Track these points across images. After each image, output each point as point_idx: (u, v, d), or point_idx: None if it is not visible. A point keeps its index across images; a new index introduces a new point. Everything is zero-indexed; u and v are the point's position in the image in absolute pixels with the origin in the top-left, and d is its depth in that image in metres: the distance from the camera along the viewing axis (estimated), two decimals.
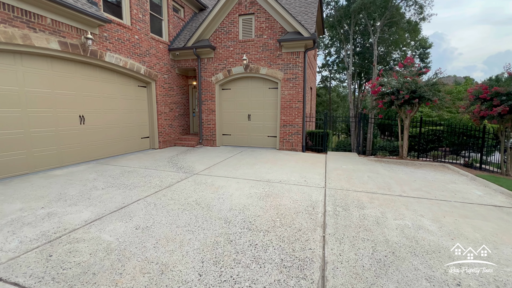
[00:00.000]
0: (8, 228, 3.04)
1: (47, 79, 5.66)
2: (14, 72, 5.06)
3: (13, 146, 5.04)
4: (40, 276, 2.23)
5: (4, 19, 4.73)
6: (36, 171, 5.40)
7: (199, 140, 10.04)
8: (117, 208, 3.69)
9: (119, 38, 7.48)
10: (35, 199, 3.94)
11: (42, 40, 5.34)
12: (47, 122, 5.65)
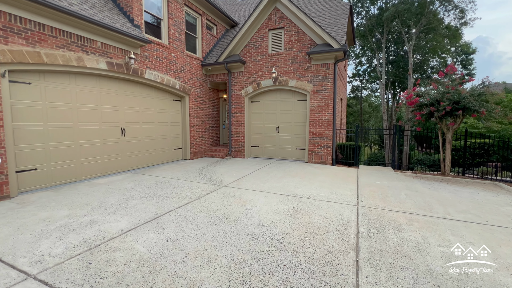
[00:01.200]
0: (56, 233, 3.29)
1: (95, 95, 6.21)
2: (69, 91, 5.63)
3: (66, 156, 5.56)
4: (80, 284, 2.35)
5: (63, 44, 5.33)
6: (82, 179, 5.88)
7: (228, 152, 10.20)
8: (150, 219, 3.83)
9: (158, 56, 8.01)
10: (80, 206, 4.25)
11: (93, 61, 5.91)
12: (94, 135, 6.16)
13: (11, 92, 4.62)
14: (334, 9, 11.11)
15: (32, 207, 4.17)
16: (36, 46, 4.87)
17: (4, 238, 3.14)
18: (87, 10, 5.77)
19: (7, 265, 2.61)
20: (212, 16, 10.82)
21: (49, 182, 5.23)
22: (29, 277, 2.44)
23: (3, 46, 4.41)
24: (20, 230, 3.35)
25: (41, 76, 5.14)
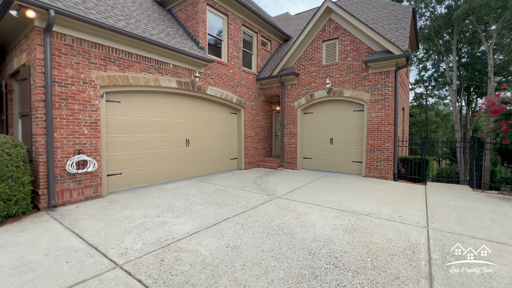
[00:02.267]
0: (136, 230, 3.78)
1: (166, 110, 7.04)
2: (147, 107, 6.52)
3: (143, 163, 6.39)
4: (155, 278, 2.64)
5: (144, 68, 6.23)
6: (154, 184, 6.65)
7: (281, 163, 10.23)
8: (211, 224, 4.08)
9: (218, 73, 8.67)
10: (153, 208, 4.80)
11: (166, 81, 6.74)
12: (164, 145, 6.95)
13: (106, 110, 5.60)
14: (394, 14, 10.38)
15: (117, 206, 4.89)
16: (125, 71, 5.82)
17: (99, 230, 3.75)
18: (164, 38, 6.66)
19: (101, 253, 3.10)
20: (267, 33, 11.26)
21: (129, 185, 6.07)
22: (117, 266, 2.84)
23: (103, 72, 5.40)
24: (109, 225, 3.95)
25: (127, 95, 6.09)
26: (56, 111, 4.66)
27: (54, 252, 3.09)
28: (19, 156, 4.01)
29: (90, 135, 5.16)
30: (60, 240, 3.41)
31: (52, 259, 2.95)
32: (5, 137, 3.99)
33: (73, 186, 4.88)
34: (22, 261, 2.89)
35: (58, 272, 2.69)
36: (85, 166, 5.01)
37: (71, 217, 4.25)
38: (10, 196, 3.84)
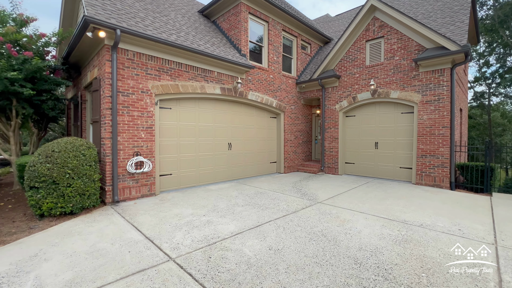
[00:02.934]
0: (185, 227, 4.05)
1: (210, 115, 7.42)
2: (194, 113, 6.97)
3: (189, 165, 6.83)
4: (204, 273, 2.79)
5: (192, 77, 6.69)
6: (199, 185, 7.04)
7: (321, 167, 9.96)
8: (253, 226, 4.17)
9: (259, 79, 8.85)
10: (200, 208, 5.09)
11: (211, 88, 7.12)
12: (209, 148, 7.33)
13: (160, 116, 6.14)
14: (448, 6, 9.41)
15: (168, 204, 5.30)
16: (176, 80, 6.32)
17: (154, 225, 4.11)
18: (209, 48, 7.07)
19: (156, 246, 3.40)
20: (307, 36, 11.14)
21: (178, 185, 6.53)
22: (170, 259, 3.09)
23: (157, 82, 5.95)
24: (162, 221, 4.30)
25: (177, 102, 6.59)
26: (119, 118, 5.28)
27: (119, 242, 3.48)
28: (92, 156, 4.63)
29: (146, 139, 5.71)
30: (123, 232, 3.83)
31: (117, 248, 3.33)
32: (81, 140, 4.66)
33: (132, 184, 5.44)
34: (94, 248, 3.32)
35: (122, 260, 3.02)
36: (141, 167, 5.56)
37: (131, 212, 4.74)
38: (84, 191, 4.45)
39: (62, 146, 4.35)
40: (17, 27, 5.25)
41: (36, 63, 5.20)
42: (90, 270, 2.80)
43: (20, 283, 2.55)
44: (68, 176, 4.24)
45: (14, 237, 3.54)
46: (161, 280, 2.65)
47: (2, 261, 2.96)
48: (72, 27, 8.07)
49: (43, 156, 4.19)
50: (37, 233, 3.70)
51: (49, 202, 4.09)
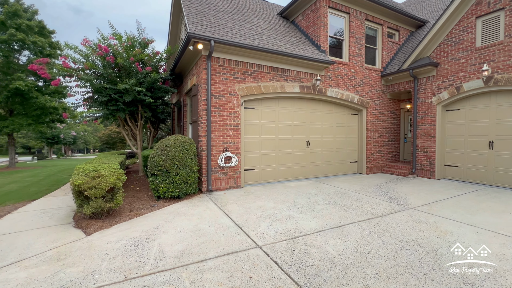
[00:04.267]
0: (269, 219, 4.30)
1: (289, 114, 7.55)
2: (274, 111, 7.25)
3: (269, 161, 7.17)
4: (289, 264, 2.92)
5: (273, 77, 6.98)
6: (278, 181, 7.31)
7: (412, 169, 8.70)
8: (335, 225, 4.05)
9: (339, 74, 8.42)
10: (280, 202, 5.29)
11: (290, 87, 7.25)
12: (287, 146, 7.50)
13: (244, 115, 6.67)
14: None
15: (252, 196, 5.73)
16: (258, 81, 6.72)
17: (241, 214, 4.53)
18: (289, 48, 7.20)
19: (245, 233, 3.74)
20: (394, 22, 9.87)
21: (259, 180, 6.97)
22: (257, 246, 3.35)
23: (243, 84, 6.48)
24: (248, 212, 4.69)
25: (259, 102, 7.00)
26: (212, 118, 6.03)
27: (214, 225, 4.01)
28: (192, 151, 5.48)
29: (233, 136, 6.31)
30: (217, 217, 4.38)
31: (213, 230, 3.84)
32: (184, 137, 5.57)
33: (221, 177, 6.14)
34: (196, 227, 3.93)
35: (218, 241, 3.48)
36: (229, 161, 6.19)
37: (222, 200, 5.36)
38: (187, 180, 5.31)
39: (172, 142, 5.31)
40: (142, 49, 6.70)
41: (154, 76, 6.52)
42: (195, 245, 3.34)
43: (149, 247, 3.29)
44: (176, 167, 5.15)
45: (142, 212, 4.57)
46: (251, 263, 2.92)
47: (137, 229, 3.87)
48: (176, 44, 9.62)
49: (159, 150, 5.22)
50: (157, 211, 4.66)
51: (163, 187, 5.08)
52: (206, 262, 2.93)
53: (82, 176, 4.09)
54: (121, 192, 4.27)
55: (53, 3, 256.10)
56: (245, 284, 2.53)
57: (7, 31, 12.11)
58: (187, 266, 2.83)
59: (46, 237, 3.58)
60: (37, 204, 5.46)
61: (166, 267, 2.81)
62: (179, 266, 2.82)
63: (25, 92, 12.33)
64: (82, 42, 6.44)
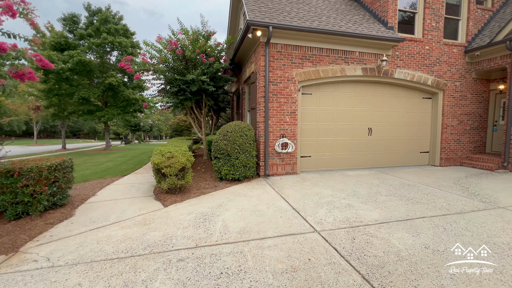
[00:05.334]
0: (326, 206, 4.17)
1: (349, 99, 7.02)
2: (333, 97, 6.85)
3: (327, 149, 6.89)
4: (349, 252, 2.79)
5: (332, 60, 6.54)
6: (336, 169, 6.97)
7: (503, 163, 7.15)
8: (401, 218, 3.68)
9: (409, 53, 7.36)
10: (339, 191, 5.06)
11: (351, 69, 6.69)
12: (346, 133, 7.04)
13: (302, 101, 6.50)
14: None
15: (308, 183, 5.63)
16: (317, 65, 6.41)
17: (298, 199, 4.52)
18: (350, 27, 6.58)
19: (302, 217, 3.73)
20: None
21: (316, 167, 6.78)
22: (315, 231, 3.30)
23: (300, 70, 6.28)
24: (305, 197, 4.65)
25: (317, 87, 6.70)
26: (270, 104, 6.06)
27: (272, 208, 4.10)
28: (251, 136, 5.66)
29: (290, 123, 6.24)
30: (274, 200, 4.47)
31: (271, 211, 3.94)
32: (244, 123, 5.77)
33: (278, 162, 6.20)
34: (255, 208, 4.10)
35: (276, 222, 3.55)
36: (286, 147, 6.18)
37: (278, 185, 5.43)
38: (246, 164, 5.54)
39: (232, 128, 5.58)
40: (205, 41, 7.10)
41: (217, 65, 6.88)
42: (254, 224, 3.50)
43: (215, 221, 3.59)
44: (236, 151, 5.42)
45: (207, 190, 5.00)
46: (309, 246, 2.91)
47: (204, 205, 4.26)
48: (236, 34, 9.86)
49: (221, 135, 5.56)
50: (220, 190, 5.03)
51: (225, 169, 5.43)
52: (266, 240, 3.04)
53: (160, 156, 4.67)
54: (190, 172, 4.74)
55: (132, 10, 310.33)
56: (303, 265, 2.54)
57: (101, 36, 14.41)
58: (248, 242, 2.99)
59: (135, 206, 4.27)
60: (127, 179, 6.53)
61: (229, 240, 3.03)
62: (241, 241, 3.01)
63: (115, 86, 14.63)
64: (156, 39, 7.20)
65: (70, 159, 4.31)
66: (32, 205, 3.57)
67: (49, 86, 14.14)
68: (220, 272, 2.41)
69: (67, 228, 3.40)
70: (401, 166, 7.64)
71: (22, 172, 3.47)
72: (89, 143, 38.79)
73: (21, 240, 3.01)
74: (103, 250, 2.80)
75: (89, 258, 2.65)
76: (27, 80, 3.08)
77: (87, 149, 20.20)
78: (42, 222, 3.50)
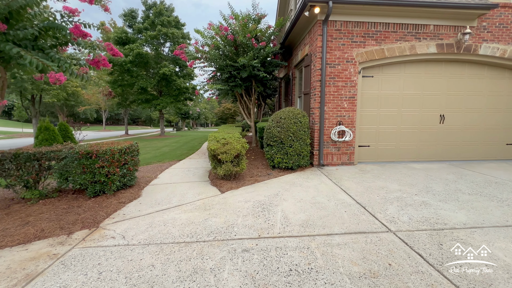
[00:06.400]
0: (396, 203, 3.63)
1: (418, 81, 6.02)
2: (398, 79, 5.96)
3: (388, 138, 6.10)
4: (439, 260, 2.31)
5: (400, 37, 5.61)
6: (399, 161, 6.15)
7: None
8: (499, 224, 2.97)
9: (501, 23, 5.92)
10: (407, 185, 4.40)
11: (423, 47, 5.67)
12: (413, 120, 6.10)
13: (362, 85, 5.80)
14: None
15: (369, 175, 5.06)
16: (381, 44, 5.58)
17: (361, 193, 4.05)
18: None
19: (370, 214, 3.29)
20: None
21: (375, 158, 6.08)
22: (389, 231, 2.85)
23: (362, 49, 5.54)
24: (368, 191, 4.14)
25: (380, 69, 5.88)
26: (326, 89, 5.53)
27: (333, 201, 3.74)
28: (305, 123, 5.27)
29: (348, 109, 5.64)
30: (334, 192, 4.08)
31: (333, 205, 3.58)
32: (298, 110, 5.40)
33: (333, 152, 5.71)
34: (314, 200, 3.78)
35: (341, 217, 3.19)
36: (343, 136, 5.64)
37: (335, 176, 4.99)
38: (300, 152, 5.21)
39: (286, 114, 5.25)
40: (256, 25, 6.77)
41: (268, 49, 6.55)
42: (317, 217, 3.20)
43: (274, 211, 3.39)
44: (290, 139, 5.11)
45: (260, 178, 4.84)
46: (386, 249, 2.50)
47: (260, 193, 4.10)
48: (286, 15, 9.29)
49: (274, 122, 5.29)
50: (273, 179, 4.83)
51: (278, 157, 5.19)
52: (333, 236, 2.73)
53: (215, 142, 4.64)
54: (244, 159, 4.62)
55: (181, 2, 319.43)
56: (384, 270, 2.17)
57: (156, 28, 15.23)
58: (314, 237, 2.71)
59: (194, 190, 4.33)
60: (182, 163, 6.80)
61: (293, 233, 2.80)
62: (305, 235, 2.75)
63: (168, 76, 15.48)
64: (207, 26, 7.13)
65: (136, 143, 4.55)
66: (107, 184, 3.85)
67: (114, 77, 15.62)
68: (289, 268, 2.20)
69: (137, 208, 3.59)
70: (481, 160, 6.39)
71: (98, 154, 3.73)
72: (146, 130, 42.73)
73: (100, 217, 3.25)
74: (170, 233, 2.83)
75: (159, 239, 2.70)
76: (102, 66, 3.20)
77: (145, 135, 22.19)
78: (115, 201, 3.76)
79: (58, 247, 2.59)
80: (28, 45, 2.97)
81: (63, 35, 2.97)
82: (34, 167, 3.64)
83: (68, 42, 3.33)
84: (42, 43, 3.08)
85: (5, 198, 3.98)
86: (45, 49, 3.01)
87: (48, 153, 3.70)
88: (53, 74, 2.49)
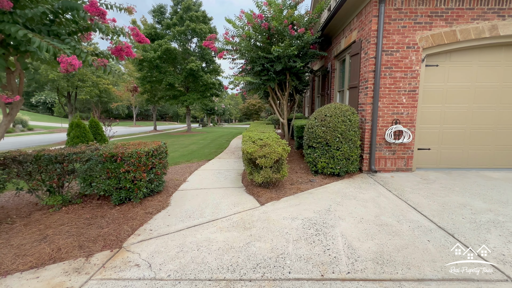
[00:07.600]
0: (495, 230, 2.67)
1: (498, 71, 4.80)
2: (470, 68, 4.79)
3: (454, 140, 4.97)
4: None
5: (478, 15, 4.45)
6: (467, 168, 5.00)
7: None
8: None
9: None
10: (497, 202, 3.37)
11: (508, 26, 4.45)
12: (486, 119, 4.91)
13: (425, 76, 4.74)
14: None
15: (436, 186, 4.06)
16: (452, 24, 4.46)
17: (438, 212, 3.11)
18: None
19: (465, 247, 2.39)
20: None
21: (436, 163, 5.00)
22: (509, 279, 1.97)
23: (427, 32, 4.48)
24: (445, 209, 3.20)
25: (447, 56, 4.76)
26: (381, 81, 4.56)
27: (405, 223, 2.87)
28: (355, 122, 4.38)
29: (407, 104, 4.63)
30: (401, 210, 3.20)
31: (407, 229, 2.72)
32: (346, 106, 4.51)
33: (387, 155, 4.75)
34: (379, 220, 2.94)
35: (426, 250, 2.35)
36: (399, 137, 4.65)
37: (394, 186, 4.06)
38: (349, 156, 4.35)
39: (332, 111, 4.40)
40: (293, 10, 5.92)
41: (308, 36, 5.68)
42: (392, 248, 2.38)
43: (331, 235, 2.62)
44: (338, 140, 4.26)
45: (302, 186, 4.08)
46: None
47: (306, 207, 3.35)
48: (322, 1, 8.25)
49: (318, 120, 4.47)
50: (318, 188, 4.03)
51: (322, 161, 4.38)
52: (428, 284, 1.91)
53: (251, 144, 3.96)
54: (285, 164, 3.88)
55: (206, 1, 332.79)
56: None
57: (184, 23, 14.87)
58: (401, 283, 1.92)
59: (228, 199, 3.70)
60: (212, 164, 6.23)
61: (368, 274, 2.02)
62: (387, 279, 1.97)
63: (195, 71, 15.11)
64: (240, 15, 6.42)
65: (165, 143, 4.01)
66: (133, 191, 3.35)
67: (143, 74, 15.59)
68: None
69: (165, 221, 3.03)
70: None
71: (124, 157, 3.23)
72: (173, 125, 43.66)
73: (124, 232, 2.73)
74: (205, 262, 2.21)
75: (192, 273, 2.08)
76: (125, 56, 2.63)
77: (172, 131, 22.32)
78: (142, 211, 3.24)
79: (73, 276, 2.08)
80: (43, 30, 2.47)
81: (81, 16, 2.42)
82: (56, 170, 3.23)
83: (89, 28, 2.80)
84: (59, 29, 2.56)
85: (30, 202, 3.66)
86: (61, 35, 2.49)
87: (70, 155, 3.27)
88: (64, 58, 1.94)
